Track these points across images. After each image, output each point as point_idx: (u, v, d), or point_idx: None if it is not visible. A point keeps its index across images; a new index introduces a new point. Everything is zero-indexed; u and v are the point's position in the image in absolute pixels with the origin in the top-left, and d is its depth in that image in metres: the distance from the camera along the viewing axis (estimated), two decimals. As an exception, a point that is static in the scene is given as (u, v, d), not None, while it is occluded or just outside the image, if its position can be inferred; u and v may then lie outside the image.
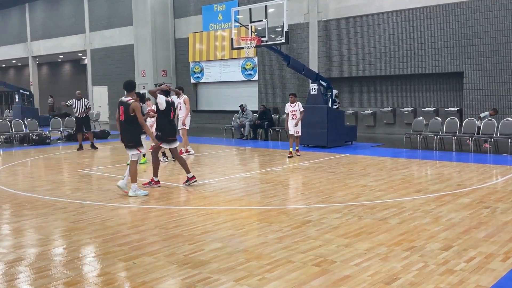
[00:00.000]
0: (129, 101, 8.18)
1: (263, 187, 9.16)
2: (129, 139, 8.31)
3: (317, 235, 5.85)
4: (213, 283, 4.44)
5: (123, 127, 8.33)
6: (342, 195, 8.16)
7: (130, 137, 8.30)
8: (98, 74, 30.41)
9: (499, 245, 5.39)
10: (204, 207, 7.46)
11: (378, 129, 19.23)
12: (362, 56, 18.91)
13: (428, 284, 4.32)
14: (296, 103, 12.88)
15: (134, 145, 8.31)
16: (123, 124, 8.29)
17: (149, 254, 5.28)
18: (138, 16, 25.56)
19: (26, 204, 7.91)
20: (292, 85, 20.68)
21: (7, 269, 4.94)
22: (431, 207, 7.20)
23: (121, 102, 8.26)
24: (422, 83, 18.09)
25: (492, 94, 16.12)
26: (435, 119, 14.71)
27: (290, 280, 4.48)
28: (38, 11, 34.09)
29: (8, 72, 43.55)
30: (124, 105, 8.17)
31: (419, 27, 17.46)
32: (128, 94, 8.31)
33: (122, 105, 8.20)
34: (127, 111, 8.12)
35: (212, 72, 24.74)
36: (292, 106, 12.92)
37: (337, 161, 12.20)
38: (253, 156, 14.09)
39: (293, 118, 12.89)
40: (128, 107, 8.11)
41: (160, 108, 8.97)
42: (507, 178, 9.56)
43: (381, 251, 5.22)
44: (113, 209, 7.51)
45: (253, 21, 13.94)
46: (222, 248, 5.44)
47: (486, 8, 15.97)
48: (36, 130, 18.20)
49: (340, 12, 19.40)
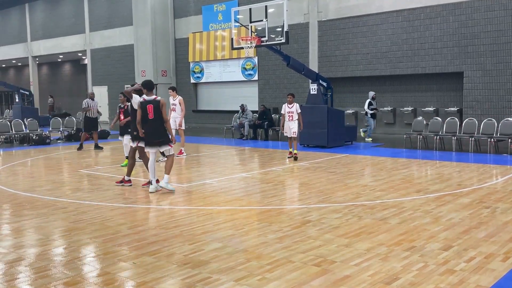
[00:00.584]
0: (156, 98, 8.41)
1: (263, 187, 9.16)
2: (160, 136, 8.45)
3: (317, 235, 5.85)
4: (213, 283, 4.44)
5: (153, 125, 8.41)
6: (342, 195, 8.16)
7: (162, 134, 8.47)
8: (98, 74, 30.41)
9: (499, 245, 5.39)
10: (204, 207, 7.46)
11: (378, 129, 19.23)
12: (362, 56, 18.91)
13: (428, 284, 4.32)
14: (294, 104, 12.36)
15: (166, 141, 8.50)
16: (153, 122, 8.39)
17: (149, 254, 5.28)
18: (138, 16, 25.56)
19: (26, 204, 7.91)
20: (292, 85, 20.69)
21: (7, 269, 4.94)
22: (431, 207, 7.20)
23: (148, 101, 8.38)
24: (422, 83, 18.09)
25: (492, 94, 16.12)
26: (435, 119, 14.71)
27: (290, 280, 4.48)
28: (38, 11, 34.09)
29: (8, 72, 43.56)
30: (154, 103, 8.36)
31: (419, 27, 17.47)
32: (150, 93, 8.48)
33: (151, 103, 8.35)
34: (158, 109, 8.32)
35: (212, 72, 24.74)
36: (289, 107, 12.39)
37: (337, 161, 12.20)
38: (253, 156, 14.09)
39: (289, 119, 12.39)
40: (158, 104, 8.34)
41: (135, 107, 9.00)
42: (507, 178, 9.56)
43: (381, 251, 5.22)
44: (113, 209, 7.51)
45: (253, 21, 13.94)
46: (222, 248, 5.44)
47: (486, 8, 15.97)
48: (36, 130, 18.20)
49: (340, 12, 19.40)
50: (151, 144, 8.55)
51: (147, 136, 8.51)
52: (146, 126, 8.43)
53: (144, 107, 8.37)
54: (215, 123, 24.13)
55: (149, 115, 8.34)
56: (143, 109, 8.37)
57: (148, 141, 8.55)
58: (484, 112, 16.02)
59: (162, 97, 8.96)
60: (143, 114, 8.36)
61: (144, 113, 8.36)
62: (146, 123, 8.41)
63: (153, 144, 8.54)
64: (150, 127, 8.43)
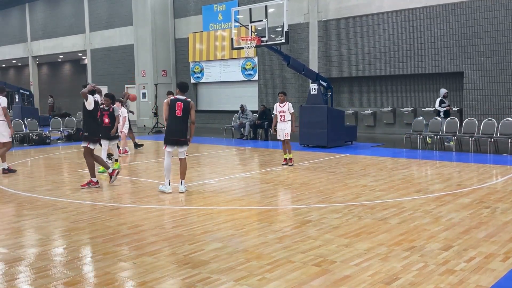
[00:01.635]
0: (187, 99, 8.53)
1: (263, 187, 9.16)
2: (182, 135, 8.53)
3: (317, 235, 5.85)
4: (213, 283, 4.44)
5: (179, 122, 8.49)
6: (342, 195, 8.16)
7: (184, 133, 8.55)
8: (98, 74, 30.40)
9: (499, 245, 5.39)
10: (204, 207, 7.46)
11: (378, 129, 19.24)
12: (362, 56, 18.91)
13: (428, 284, 4.32)
14: (286, 103, 11.47)
15: (186, 142, 8.57)
16: (180, 120, 8.47)
17: (149, 254, 5.28)
18: (138, 16, 25.57)
19: (26, 204, 7.91)
20: (292, 85, 20.70)
21: (7, 269, 4.94)
22: (431, 207, 7.20)
23: (178, 99, 8.51)
24: (422, 83, 18.09)
25: (492, 94, 16.12)
26: (435, 119, 14.71)
27: (290, 280, 4.48)
28: (38, 11, 34.10)
29: (8, 72, 43.56)
30: (184, 102, 8.47)
31: (419, 27, 17.47)
32: (182, 94, 8.60)
33: (181, 102, 8.47)
34: (187, 108, 8.43)
35: (212, 72, 24.74)
36: (281, 106, 11.51)
37: (337, 161, 12.20)
38: (253, 156, 14.09)
39: (281, 120, 11.50)
40: (188, 104, 8.46)
41: (88, 108, 9.01)
42: (507, 178, 9.56)
43: (381, 251, 5.22)
44: (113, 209, 7.51)
45: (253, 21, 13.94)
46: (222, 248, 5.44)
47: (486, 8, 15.98)
48: (36, 130, 18.20)
49: (340, 12, 19.40)
50: (170, 142, 8.55)
51: (168, 134, 8.55)
52: (171, 123, 8.52)
53: (173, 104, 8.46)
54: (215, 123, 24.14)
55: (177, 112, 8.43)
56: (171, 106, 8.46)
57: (168, 139, 8.56)
58: (484, 112, 16.02)
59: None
60: (171, 111, 8.46)
61: (172, 110, 8.45)
62: (173, 120, 8.49)
63: (171, 143, 8.54)
64: (175, 124, 8.50)
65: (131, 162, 12.67)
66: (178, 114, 8.44)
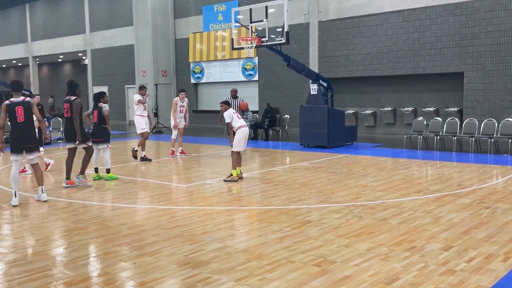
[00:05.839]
0: (25, 99, 7.83)
1: (263, 187, 9.15)
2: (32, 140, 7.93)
3: (318, 235, 5.85)
4: (213, 283, 4.44)
5: (22, 127, 7.79)
6: (343, 195, 8.16)
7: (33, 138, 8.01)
8: (98, 74, 30.40)
9: (499, 245, 5.39)
10: (204, 207, 7.46)
11: (378, 129, 19.22)
12: (363, 56, 18.90)
13: (428, 285, 4.32)
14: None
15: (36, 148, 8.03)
16: (23, 124, 7.80)
17: (149, 254, 5.28)
18: (138, 17, 25.56)
19: (26, 204, 7.90)
20: (292, 85, 20.70)
21: (7, 269, 4.94)
22: (431, 207, 7.19)
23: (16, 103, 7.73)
24: (422, 83, 18.08)
25: (493, 94, 16.11)
26: (435, 119, 14.70)
27: (290, 280, 4.47)
28: (38, 11, 34.10)
29: (8, 72, 43.57)
30: (23, 104, 7.74)
31: (419, 27, 17.46)
32: (18, 94, 7.83)
33: (20, 105, 7.79)
34: (29, 110, 7.74)
35: (212, 72, 24.73)
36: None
37: (338, 161, 12.20)
38: (253, 156, 14.08)
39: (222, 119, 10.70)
40: (29, 105, 7.73)
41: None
42: (507, 178, 9.56)
43: (382, 251, 5.22)
44: (113, 209, 7.51)
45: (253, 21, 13.94)
46: (222, 248, 5.44)
47: (487, 8, 15.97)
48: (36, 130, 18.16)
49: (340, 12, 19.39)
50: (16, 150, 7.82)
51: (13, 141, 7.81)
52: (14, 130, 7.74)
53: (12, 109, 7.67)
54: (216, 123, 24.09)
55: (18, 118, 7.63)
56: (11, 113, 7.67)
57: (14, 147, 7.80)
58: (485, 113, 16.01)
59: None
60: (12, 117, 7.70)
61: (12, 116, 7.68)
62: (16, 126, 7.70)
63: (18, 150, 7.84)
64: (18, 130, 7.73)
65: (131, 163, 12.66)
66: (20, 120, 7.60)
